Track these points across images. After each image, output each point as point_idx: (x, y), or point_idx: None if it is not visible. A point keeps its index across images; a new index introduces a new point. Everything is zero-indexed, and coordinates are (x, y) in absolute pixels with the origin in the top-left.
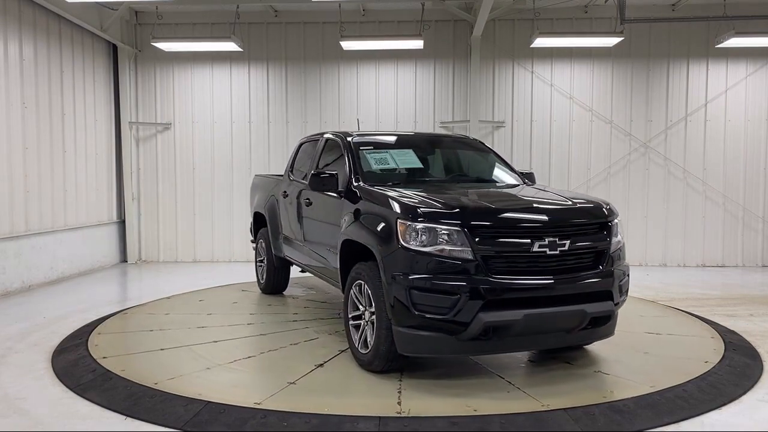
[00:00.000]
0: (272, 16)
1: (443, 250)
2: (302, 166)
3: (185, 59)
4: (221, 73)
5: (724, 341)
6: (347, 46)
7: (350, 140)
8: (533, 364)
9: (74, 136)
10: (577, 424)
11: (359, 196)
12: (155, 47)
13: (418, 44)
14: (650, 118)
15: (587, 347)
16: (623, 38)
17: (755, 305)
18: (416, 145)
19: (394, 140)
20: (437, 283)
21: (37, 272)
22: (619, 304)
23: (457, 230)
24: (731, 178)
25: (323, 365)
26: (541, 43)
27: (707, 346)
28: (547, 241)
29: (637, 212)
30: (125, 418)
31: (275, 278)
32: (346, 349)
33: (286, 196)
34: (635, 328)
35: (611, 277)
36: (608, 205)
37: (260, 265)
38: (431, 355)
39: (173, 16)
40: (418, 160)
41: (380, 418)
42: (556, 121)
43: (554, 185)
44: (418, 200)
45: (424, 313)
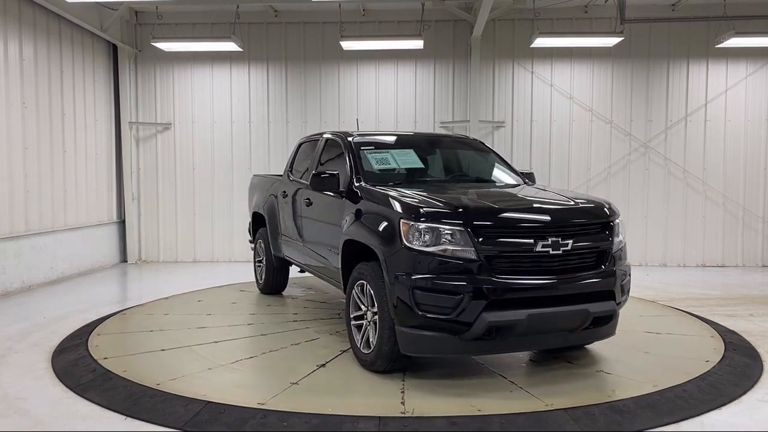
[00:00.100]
0: (272, 16)
1: (446, 250)
2: (302, 166)
3: (185, 59)
4: (221, 73)
5: (724, 341)
6: (347, 46)
7: (351, 140)
8: (535, 363)
9: (74, 136)
10: (577, 424)
11: (360, 196)
12: (155, 47)
13: (418, 44)
14: (650, 118)
15: (588, 347)
16: (623, 38)
17: (755, 305)
18: (417, 145)
19: (394, 140)
20: (440, 283)
21: (37, 272)
22: (620, 303)
23: (460, 230)
24: (731, 178)
25: (325, 365)
26: (541, 43)
27: (707, 345)
28: (550, 240)
29: (637, 212)
30: (125, 418)
31: (274, 278)
32: (347, 349)
33: (285, 196)
34: (635, 327)
35: (613, 276)
36: (610, 204)
37: (259, 265)
38: (434, 355)
39: (173, 16)
40: (419, 160)
41: (380, 417)
42: (556, 121)
43: (554, 185)
44: (420, 200)
45: (427, 313)
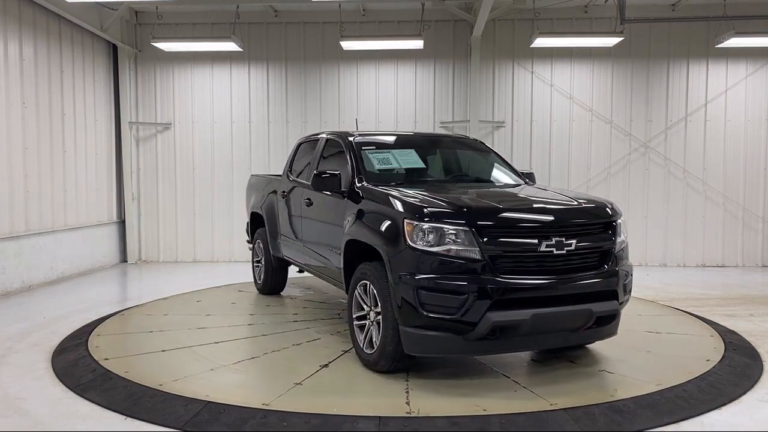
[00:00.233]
0: (272, 16)
1: (450, 249)
2: (301, 166)
3: (185, 59)
4: (221, 73)
5: (724, 341)
6: (347, 46)
7: (352, 140)
8: (537, 363)
9: (74, 136)
10: (577, 424)
11: (362, 196)
12: (155, 47)
13: (418, 44)
14: (650, 118)
15: (589, 346)
16: (623, 38)
17: (755, 305)
18: (417, 145)
19: (395, 140)
20: (445, 282)
21: (37, 272)
22: (623, 303)
23: (464, 230)
24: (731, 178)
25: (328, 366)
26: (541, 43)
27: (708, 344)
28: (554, 240)
29: (637, 212)
30: (125, 418)
31: (273, 279)
32: (349, 349)
33: (285, 196)
34: (636, 327)
35: (616, 276)
36: (612, 204)
37: (257, 265)
38: (438, 354)
39: (173, 16)
40: (420, 160)
41: (380, 417)
42: (556, 121)
43: (554, 185)
44: (424, 200)
45: (431, 313)
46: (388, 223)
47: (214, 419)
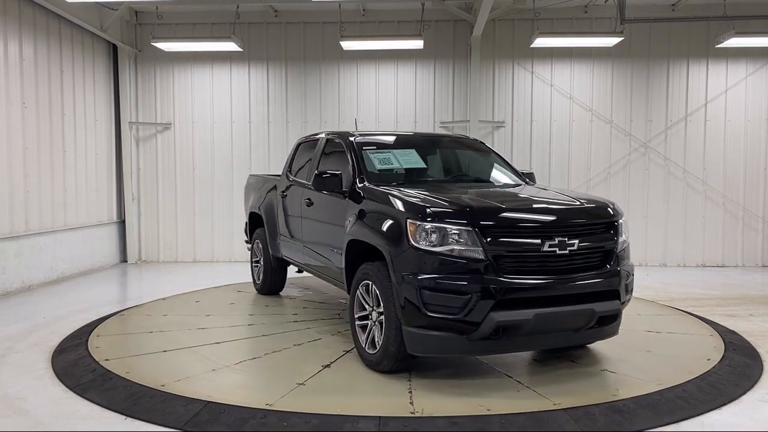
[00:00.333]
0: (272, 16)
1: (454, 249)
2: (300, 166)
3: (185, 59)
4: (221, 73)
5: (724, 341)
6: (347, 46)
7: (353, 140)
8: (539, 363)
9: (74, 136)
10: (577, 424)
11: (364, 196)
12: (155, 47)
13: (418, 44)
14: (650, 118)
15: (590, 346)
16: (623, 38)
17: (755, 305)
18: (418, 145)
19: (396, 140)
20: (448, 282)
21: (37, 272)
22: (625, 303)
23: (467, 230)
24: (731, 178)
25: (330, 366)
26: (541, 43)
27: (708, 344)
28: (556, 240)
29: (637, 212)
30: (125, 418)
31: (272, 279)
32: (351, 349)
33: (284, 196)
34: (636, 327)
35: (618, 276)
36: (614, 204)
37: (256, 265)
38: (441, 354)
39: (173, 16)
40: (421, 160)
41: (380, 417)
42: (556, 121)
43: (554, 185)
44: (428, 200)
45: (435, 313)
46: (390, 223)
47: (214, 419)
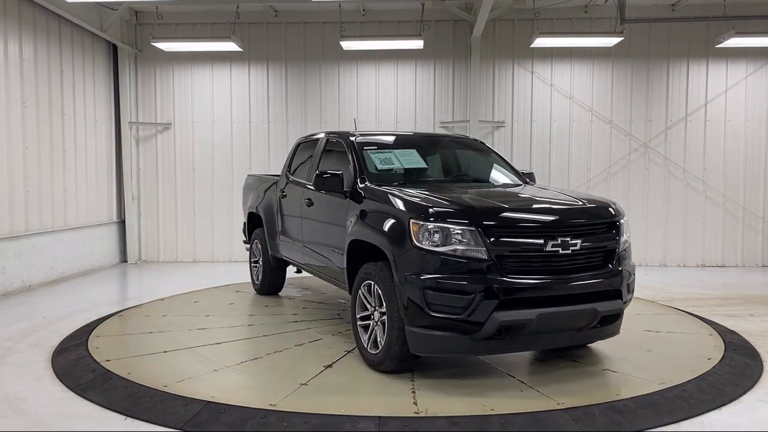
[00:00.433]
0: (272, 16)
1: (457, 249)
2: (300, 166)
3: (185, 59)
4: (221, 73)
5: (724, 341)
6: (347, 46)
7: (354, 140)
8: (541, 362)
9: (74, 136)
10: (577, 423)
11: (365, 196)
12: (155, 47)
13: (418, 44)
14: (650, 118)
15: (591, 345)
16: (623, 38)
17: (755, 305)
18: (418, 145)
19: (396, 140)
20: (452, 282)
21: (37, 272)
22: (627, 302)
23: (470, 230)
24: (731, 178)
25: (332, 366)
26: (541, 43)
27: (708, 343)
28: (559, 240)
29: (637, 212)
30: (125, 418)
31: (271, 279)
32: (352, 349)
33: (284, 196)
34: (636, 326)
35: (620, 276)
36: (615, 204)
37: (255, 265)
38: (444, 354)
39: (173, 16)
40: (422, 160)
41: (380, 417)
42: (556, 121)
43: (554, 185)
44: (430, 200)
45: (438, 313)
46: (393, 223)
47: (214, 419)
